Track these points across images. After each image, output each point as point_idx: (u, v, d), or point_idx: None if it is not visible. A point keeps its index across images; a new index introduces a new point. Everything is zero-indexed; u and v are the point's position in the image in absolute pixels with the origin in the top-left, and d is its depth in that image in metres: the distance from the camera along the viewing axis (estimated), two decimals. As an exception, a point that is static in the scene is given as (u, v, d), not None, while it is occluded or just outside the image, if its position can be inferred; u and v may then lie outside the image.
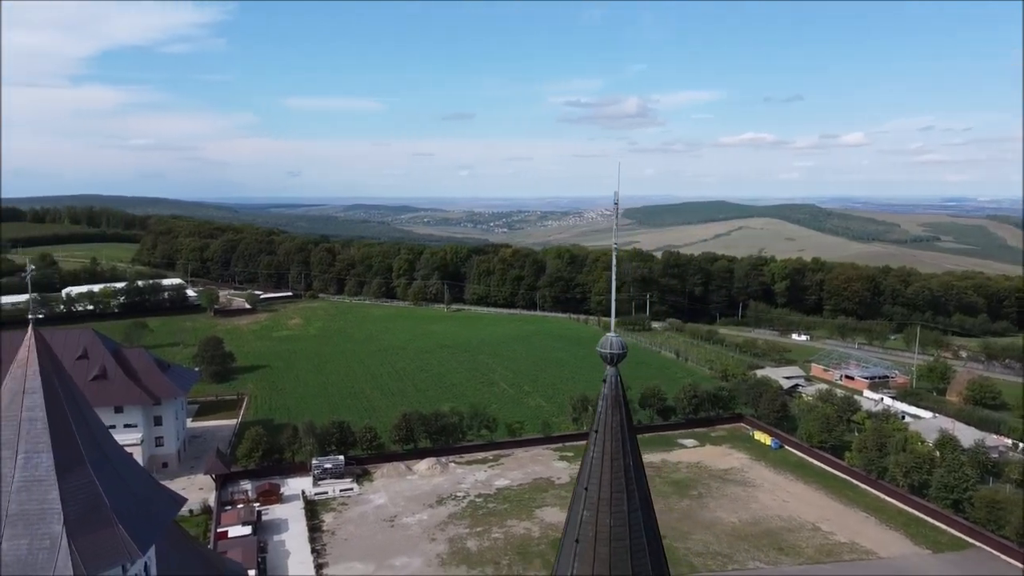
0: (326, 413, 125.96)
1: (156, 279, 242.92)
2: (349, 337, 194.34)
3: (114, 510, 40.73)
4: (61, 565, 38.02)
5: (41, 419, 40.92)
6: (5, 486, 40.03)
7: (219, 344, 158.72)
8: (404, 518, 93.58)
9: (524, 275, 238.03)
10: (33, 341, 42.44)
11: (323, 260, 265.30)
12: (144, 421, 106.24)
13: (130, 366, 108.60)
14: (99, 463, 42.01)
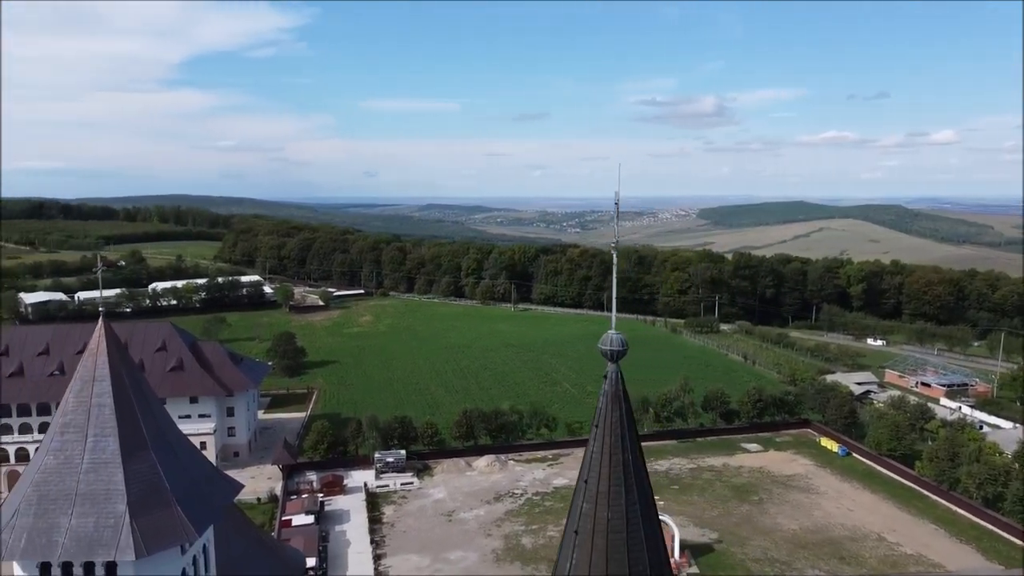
0: (391, 408, 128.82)
1: (236, 276, 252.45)
2: (416, 335, 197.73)
3: (173, 493, 43.00)
4: (123, 542, 40.40)
5: (109, 405, 43.37)
6: (75, 467, 42.72)
7: (292, 339, 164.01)
8: (461, 513, 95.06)
9: (591, 275, 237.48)
10: (103, 332, 44.99)
11: (394, 259, 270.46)
12: (217, 411, 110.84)
13: (205, 359, 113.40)
14: (161, 448, 44.35)
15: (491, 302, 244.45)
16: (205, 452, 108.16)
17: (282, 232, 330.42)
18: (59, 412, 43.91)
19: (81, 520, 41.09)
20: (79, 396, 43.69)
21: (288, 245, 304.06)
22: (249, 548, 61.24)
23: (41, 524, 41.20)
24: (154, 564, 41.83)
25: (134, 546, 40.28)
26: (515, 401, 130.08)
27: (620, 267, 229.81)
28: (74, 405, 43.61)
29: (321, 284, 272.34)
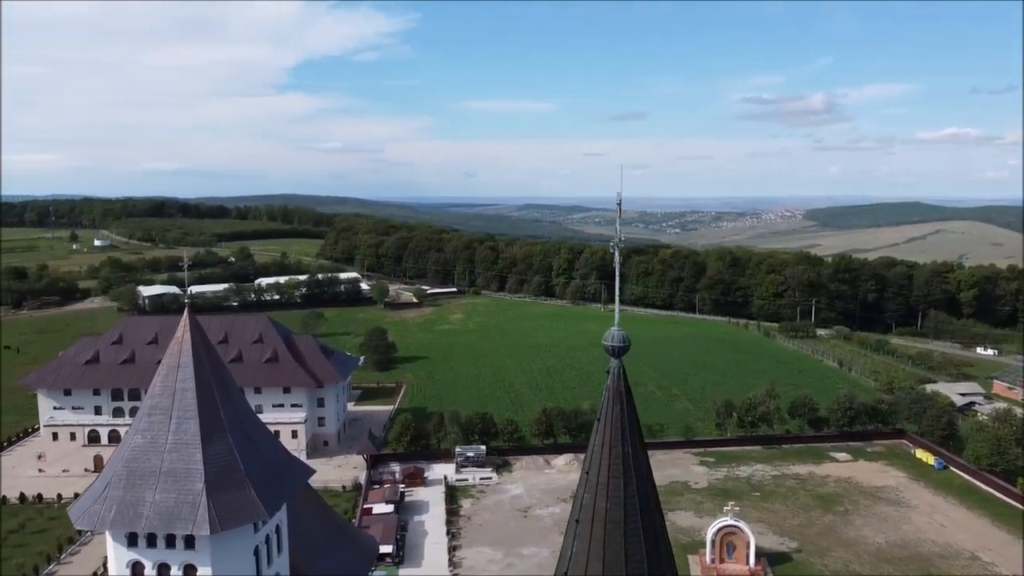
0: (475, 405, 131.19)
1: (335, 273, 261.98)
2: (505, 333, 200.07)
3: (247, 474, 45.80)
4: (200, 518, 43.41)
5: (191, 390, 46.62)
6: (160, 447, 46.12)
7: (383, 335, 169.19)
8: (537, 510, 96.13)
9: (683, 277, 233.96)
10: (187, 323, 48.35)
11: (487, 258, 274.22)
12: (308, 402, 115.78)
13: (298, 351, 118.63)
14: (237, 432, 47.29)
15: (581, 302, 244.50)
16: (296, 440, 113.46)
17: (380, 231, 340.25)
18: (148, 395, 47.52)
19: (164, 495, 44.39)
20: (165, 381, 47.18)
21: (386, 244, 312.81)
22: (324, 531, 64.26)
23: (129, 497, 44.71)
24: (228, 540, 44.78)
25: (209, 522, 43.20)
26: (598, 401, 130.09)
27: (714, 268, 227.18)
28: (160, 389, 47.13)
29: (416, 282, 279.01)
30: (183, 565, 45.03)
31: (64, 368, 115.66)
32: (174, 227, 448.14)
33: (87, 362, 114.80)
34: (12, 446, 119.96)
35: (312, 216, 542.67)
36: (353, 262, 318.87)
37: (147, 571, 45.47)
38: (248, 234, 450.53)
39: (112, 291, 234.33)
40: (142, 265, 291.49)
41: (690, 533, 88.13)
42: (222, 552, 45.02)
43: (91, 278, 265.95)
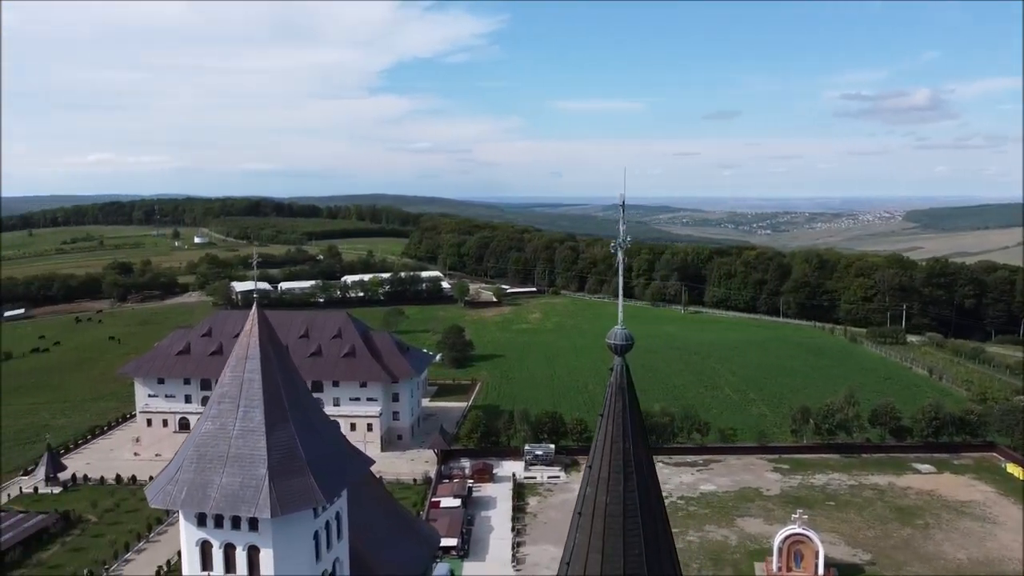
0: (548, 404, 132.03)
1: (418, 271, 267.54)
2: (582, 333, 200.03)
3: (308, 462, 48.03)
4: (262, 502, 45.83)
5: (257, 380, 49.17)
6: (228, 433, 48.81)
7: (460, 333, 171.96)
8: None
9: (767, 279, 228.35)
10: (255, 317, 50.96)
11: (567, 258, 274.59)
12: (383, 396, 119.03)
13: (375, 347, 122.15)
14: (300, 422, 49.61)
15: (661, 303, 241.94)
16: (371, 433, 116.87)
17: (463, 230, 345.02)
18: (218, 385, 50.40)
19: (230, 479, 47.02)
20: (234, 371, 49.89)
21: (468, 243, 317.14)
22: (387, 521, 66.35)
23: (199, 480, 47.56)
24: (289, 523, 47.11)
25: (271, 506, 45.57)
26: (672, 404, 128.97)
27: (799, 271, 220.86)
28: (229, 379, 49.89)
29: (496, 281, 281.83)
30: (247, 546, 47.56)
31: (158, 358, 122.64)
32: (268, 225, 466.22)
33: (179, 353, 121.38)
34: (112, 430, 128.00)
35: (399, 216, 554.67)
36: (436, 261, 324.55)
37: (214, 550, 48.26)
38: (337, 233, 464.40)
39: (208, 286, 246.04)
40: (236, 262, 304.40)
41: (758, 540, 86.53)
42: (283, 535, 47.36)
43: (190, 274, 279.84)
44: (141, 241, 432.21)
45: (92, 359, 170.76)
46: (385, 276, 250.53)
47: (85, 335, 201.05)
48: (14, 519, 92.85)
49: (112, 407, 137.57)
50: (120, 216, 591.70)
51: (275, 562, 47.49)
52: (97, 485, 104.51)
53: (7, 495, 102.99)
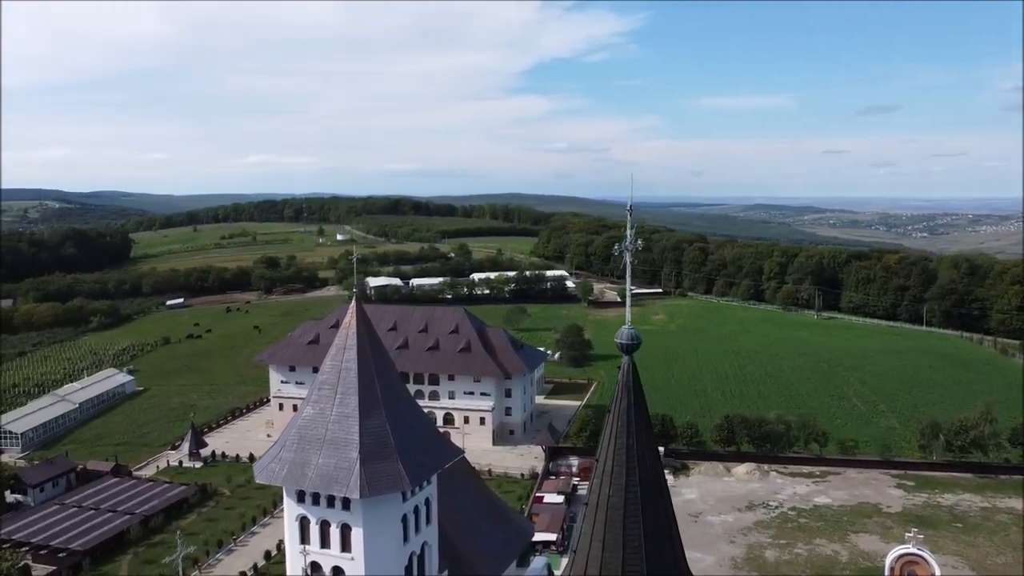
0: (664, 407, 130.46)
1: (543, 271, 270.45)
2: (706, 336, 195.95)
3: (397, 448, 51.03)
4: (353, 483, 49.18)
5: (354, 370, 52.66)
6: (326, 418, 52.52)
7: (579, 332, 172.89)
8: (709, 516, 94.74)
9: (910, 285, 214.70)
10: (355, 311, 54.50)
11: (695, 259, 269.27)
12: (496, 392, 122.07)
13: (490, 343, 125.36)
14: (391, 410, 52.70)
15: (792, 308, 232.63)
16: (483, 427, 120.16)
17: (591, 230, 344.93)
18: (319, 372, 54.31)
19: (326, 460, 50.68)
20: (333, 360, 53.60)
21: (595, 243, 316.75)
22: (481, 512, 68.72)
23: (298, 459, 51.51)
24: (378, 505, 50.24)
25: (360, 488, 48.82)
26: (791, 411, 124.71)
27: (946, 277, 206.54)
28: (329, 368, 53.65)
29: (622, 282, 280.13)
30: (340, 524, 51.12)
31: (290, 347, 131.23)
32: (405, 224, 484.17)
33: (309, 343, 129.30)
34: (249, 413, 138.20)
35: (531, 215, 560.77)
36: (563, 260, 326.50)
37: (312, 525, 52.14)
38: (470, 231, 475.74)
39: (345, 281, 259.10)
40: (373, 258, 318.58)
41: (872, 558, 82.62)
42: (372, 516, 50.52)
43: (330, 269, 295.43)
44: (289, 237, 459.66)
45: (237, 346, 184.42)
46: (511, 274, 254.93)
47: (233, 324, 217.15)
48: (159, 488, 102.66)
49: (251, 391, 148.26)
50: (273, 213, 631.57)
51: (365, 540, 50.77)
52: (232, 462, 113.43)
53: (156, 466, 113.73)
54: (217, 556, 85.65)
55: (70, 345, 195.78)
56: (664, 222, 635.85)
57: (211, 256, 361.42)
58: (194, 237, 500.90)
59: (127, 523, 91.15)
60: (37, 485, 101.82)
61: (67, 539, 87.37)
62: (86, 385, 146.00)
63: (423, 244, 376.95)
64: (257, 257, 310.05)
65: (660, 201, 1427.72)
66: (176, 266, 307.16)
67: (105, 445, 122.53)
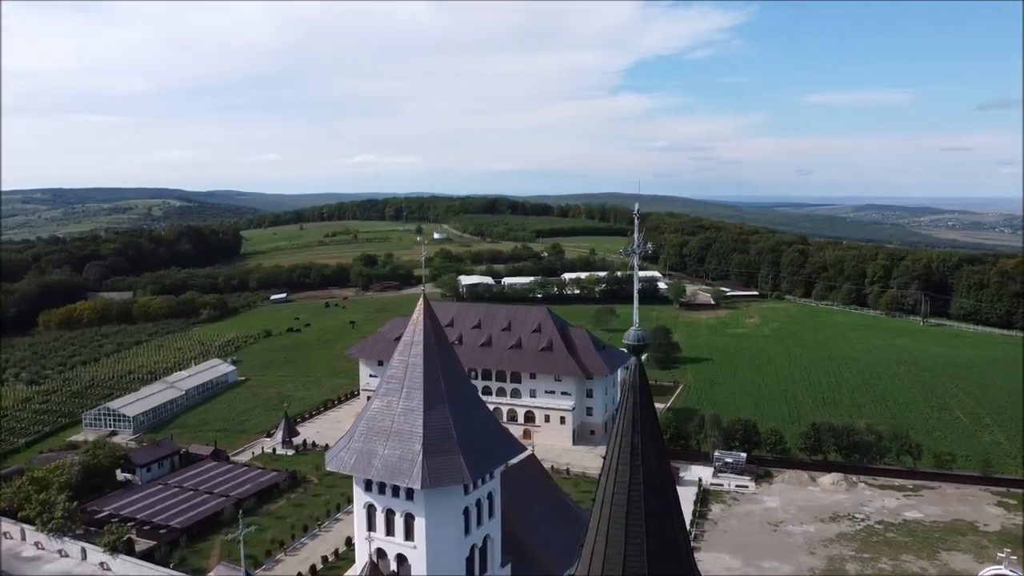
0: (751, 412, 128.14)
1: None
2: (801, 341, 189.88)
3: (459, 443, 52.66)
4: (415, 474, 51.13)
5: (419, 365, 54.63)
6: (393, 411, 54.58)
7: (666, 334, 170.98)
8: (790, 525, 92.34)
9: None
10: (422, 307, 56.38)
11: (794, 261, 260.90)
12: (577, 392, 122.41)
13: (572, 342, 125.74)
14: (455, 406, 54.38)
15: (896, 314, 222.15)
16: (563, 426, 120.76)
17: (687, 230, 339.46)
18: (388, 366, 56.47)
19: (391, 451, 52.81)
20: (401, 356, 55.68)
21: (690, 243, 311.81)
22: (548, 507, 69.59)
23: (366, 449, 53.85)
24: (440, 497, 51.99)
25: (421, 479, 50.68)
26: (885, 421, 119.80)
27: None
28: (397, 362, 55.76)
29: (716, 283, 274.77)
30: (404, 513, 53.17)
31: (379, 343, 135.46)
32: (501, 223, 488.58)
33: (396, 338, 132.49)
34: (340, 404, 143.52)
35: (627, 215, 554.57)
36: (657, 261, 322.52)
37: (377, 513, 54.41)
38: (565, 231, 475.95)
39: (438, 279, 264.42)
40: (467, 257, 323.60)
41: (962, 578, 78.84)
42: (434, 507, 52.33)
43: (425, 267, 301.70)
44: (389, 236, 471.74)
45: (332, 340, 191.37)
46: (601, 275, 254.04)
47: (331, 319, 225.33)
48: (253, 473, 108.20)
49: (343, 384, 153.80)
50: (374, 212, 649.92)
51: (427, 530, 52.67)
52: (322, 451, 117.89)
53: (251, 452, 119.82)
54: (302, 540, 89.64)
55: (181, 336, 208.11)
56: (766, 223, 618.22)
57: (314, 253, 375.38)
58: (300, 235, 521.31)
59: (222, 505, 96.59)
60: (144, 465, 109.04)
61: (167, 517, 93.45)
62: (193, 374, 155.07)
63: (517, 243, 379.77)
64: (357, 255, 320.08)
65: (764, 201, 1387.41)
66: (281, 262, 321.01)
67: (207, 430, 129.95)
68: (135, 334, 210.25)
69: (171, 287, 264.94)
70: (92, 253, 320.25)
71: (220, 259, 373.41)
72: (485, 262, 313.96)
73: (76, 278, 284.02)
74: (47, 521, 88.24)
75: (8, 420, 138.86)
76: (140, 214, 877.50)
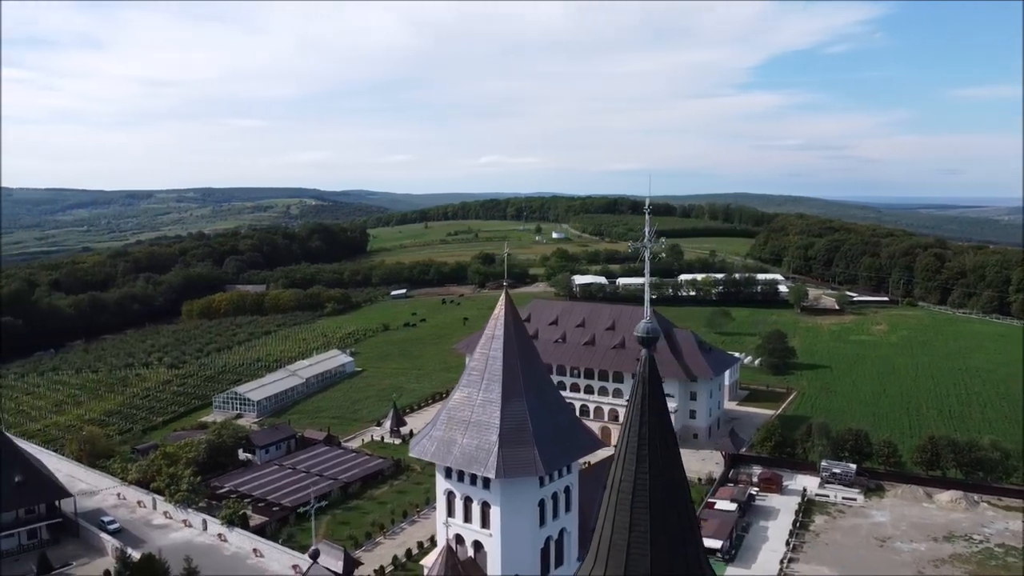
0: (867, 422, 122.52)
1: (758, 273, 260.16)
2: (930, 351, 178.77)
3: (535, 435, 53.99)
4: (490, 464, 52.82)
5: (499, 358, 56.34)
6: (472, 402, 56.46)
7: (782, 339, 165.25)
8: (898, 543, 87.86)
9: None
10: (504, 302, 57.98)
11: (929, 266, 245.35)
12: (680, 394, 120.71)
13: (676, 344, 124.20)
14: (534, 399, 55.75)
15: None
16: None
17: (813, 232, 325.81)
18: (470, 359, 58.39)
19: (469, 441, 54.72)
20: (482, 348, 57.54)
21: (816, 245, 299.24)
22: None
23: (446, 438, 56.03)
24: (516, 487, 53.46)
25: (496, 469, 52.27)
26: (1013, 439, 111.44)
27: None
28: (479, 355, 57.67)
29: (843, 287, 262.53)
30: (481, 501, 54.95)
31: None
32: (620, 223, 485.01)
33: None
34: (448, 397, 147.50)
35: (753, 216, 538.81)
36: (781, 263, 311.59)
37: (456, 500, 56.46)
38: (686, 232, 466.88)
39: (553, 278, 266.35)
40: (583, 256, 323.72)
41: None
42: (510, 497, 53.84)
43: (541, 266, 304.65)
44: (508, 235, 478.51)
45: (446, 336, 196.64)
46: (719, 276, 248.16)
47: (446, 315, 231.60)
48: (361, 459, 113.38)
49: (452, 378, 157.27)
50: (496, 212, 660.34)
51: (501, 519, 54.25)
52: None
53: (361, 440, 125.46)
54: (401, 525, 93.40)
55: (306, 327, 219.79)
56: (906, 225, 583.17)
57: (436, 251, 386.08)
58: (424, 233, 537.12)
59: (330, 487, 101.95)
60: (263, 447, 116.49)
61: (280, 495, 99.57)
62: (313, 363, 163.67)
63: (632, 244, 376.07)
64: (475, 253, 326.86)
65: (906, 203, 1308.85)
66: (403, 260, 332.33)
67: (323, 417, 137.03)
68: (265, 325, 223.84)
69: (300, 281, 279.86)
70: (232, 248, 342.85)
71: (347, 256, 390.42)
72: (601, 262, 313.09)
73: (216, 271, 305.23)
74: (174, 493, 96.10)
75: (149, 400, 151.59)
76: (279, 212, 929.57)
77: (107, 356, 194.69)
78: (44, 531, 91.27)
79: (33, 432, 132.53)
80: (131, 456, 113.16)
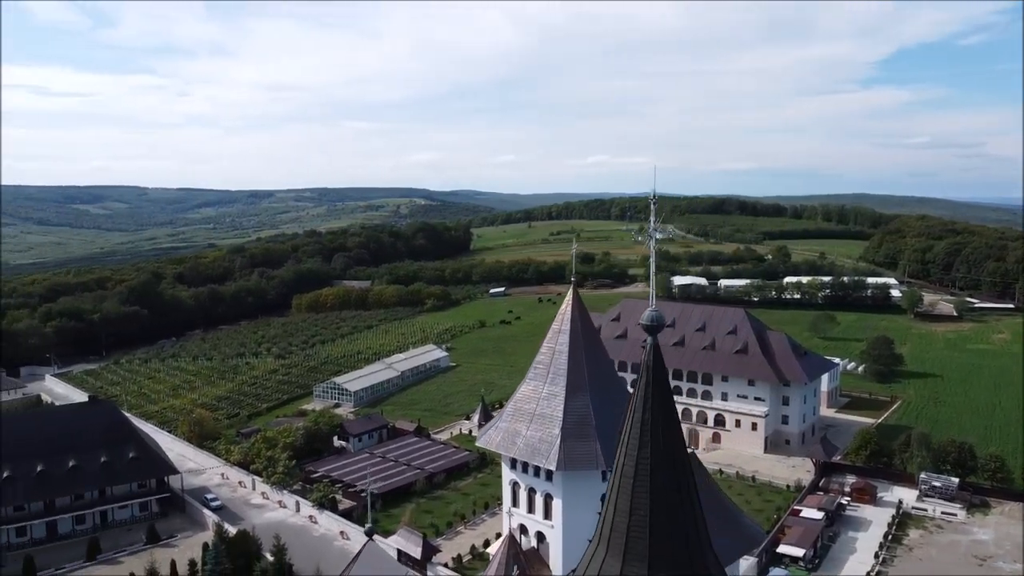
0: (975, 434, 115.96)
1: (869, 277, 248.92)
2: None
3: (597, 429, 54.54)
4: (552, 456, 53.85)
5: (565, 352, 57.26)
6: (537, 395, 57.51)
7: (888, 345, 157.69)
8: (1000, 562, 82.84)
9: None
10: (572, 298, 58.87)
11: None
12: (772, 398, 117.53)
13: (769, 347, 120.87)
14: (598, 394, 56.36)
15: None
16: (754, 433, 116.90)
17: (933, 234, 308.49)
18: (538, 353, 59.34)
19: (532, 433, 55.83)
20: (549, 343, 58.52)
21: (935, 249, 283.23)
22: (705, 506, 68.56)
23: (511, 429, 57.34)
24: (577, 481, 54.22)
25: (557, 461, 53.18)
26: None
27: None
28: (545, 350, 58.68)
29: (964, 293, 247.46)
30: (544, 493, 56.00)
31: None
32: (727, 224, 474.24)
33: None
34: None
35: (870, 217, 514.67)
36: (896, 267, 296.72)
37: (520, 491, 57.64)
38: (796, 233, 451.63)
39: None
40: (685, 257, 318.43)
41: None
42: (571, 490, 54.66)
43: (641, 266, 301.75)
44: (610, 235, 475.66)
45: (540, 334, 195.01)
46: (826, 279, 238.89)
47: (542, 313, 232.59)
48: (448, 451, 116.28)
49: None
50: (600, 212, 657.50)
51: (563, 511, 55.12)
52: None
53: (450, 433, 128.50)
54: (481, 516, 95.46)
55: (406, 322, 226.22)
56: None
57: (537, 250, 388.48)
58: (527, 233, 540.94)
59: (416, 476, 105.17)
60: (357, 435, 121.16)
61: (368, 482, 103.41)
62: (410, 357, 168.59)
63: (740, 245, 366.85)
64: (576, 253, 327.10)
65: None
66: (502, 259, 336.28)
67: (415, 409, 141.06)
68: (368, 319, 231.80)
69: (403, 278, 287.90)
70: (340, 246, 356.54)
71: (451, 254, 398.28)
72: (704, 263, 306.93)
73: (325, 267, 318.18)
74: (271, 475, 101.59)
75: (256, 387, 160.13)
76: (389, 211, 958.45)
77: (221, 345, 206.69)
78: (154, 504, 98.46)
79: (151, 413, 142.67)
80: (235, 439, 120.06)
